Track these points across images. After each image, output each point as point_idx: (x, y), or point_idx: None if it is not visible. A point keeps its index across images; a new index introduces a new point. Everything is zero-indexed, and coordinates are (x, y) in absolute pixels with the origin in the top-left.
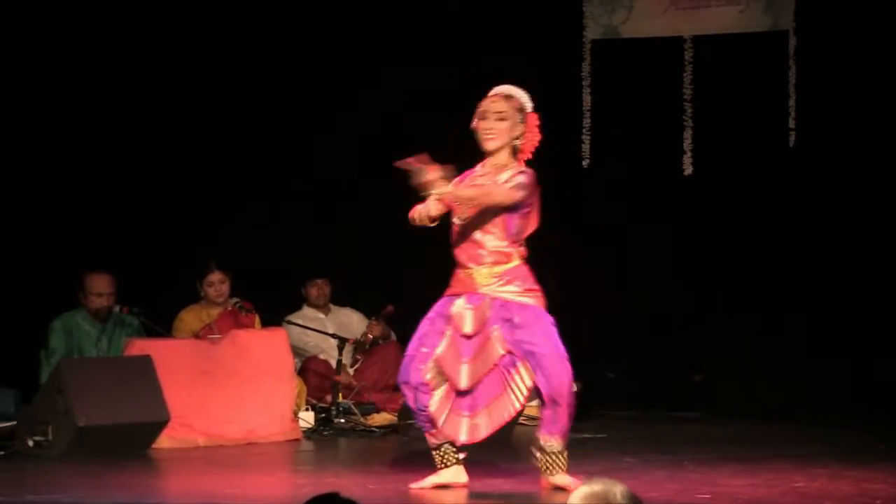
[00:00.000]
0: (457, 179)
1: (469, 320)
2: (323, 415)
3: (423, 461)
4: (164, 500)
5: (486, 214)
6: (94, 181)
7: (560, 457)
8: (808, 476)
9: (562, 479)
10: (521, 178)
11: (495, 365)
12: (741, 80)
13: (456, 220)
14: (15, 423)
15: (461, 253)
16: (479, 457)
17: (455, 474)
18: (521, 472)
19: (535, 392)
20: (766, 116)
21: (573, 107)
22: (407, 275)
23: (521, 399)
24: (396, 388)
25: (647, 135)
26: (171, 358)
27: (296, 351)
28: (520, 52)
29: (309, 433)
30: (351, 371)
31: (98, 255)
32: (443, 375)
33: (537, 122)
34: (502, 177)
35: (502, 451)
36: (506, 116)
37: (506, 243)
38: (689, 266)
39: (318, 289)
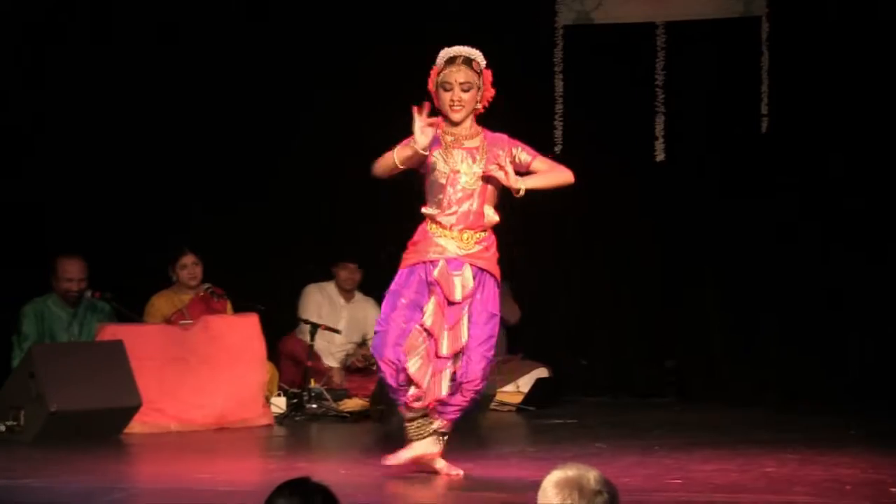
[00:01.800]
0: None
1: (458, 288)
2: (295, 400)
3: (395, 446)
4: (135, 485)
5: (495, 183)
6: (67, 165)
7: (424, 428)
8: (779, 461)
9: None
10: (529, 152)
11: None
12: (713, 67)
13: (455, 182)
14: None
15: (449, 216)
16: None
17: (428, 445)
18: (491, 458)
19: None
20: (739, 103)
21: (545, 93)
22: None
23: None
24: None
25: (619, 121)
26: (142, 343)
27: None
28: (492, 37)
29: (280, 418)
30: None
31: (70, 240)
32: (426, 346)
33: (491, 78)
34: (498, 151)
35: (472, 437)
36: (471, 85)
37: (495, 210)
38: (661, 252)
39: (348, 272)
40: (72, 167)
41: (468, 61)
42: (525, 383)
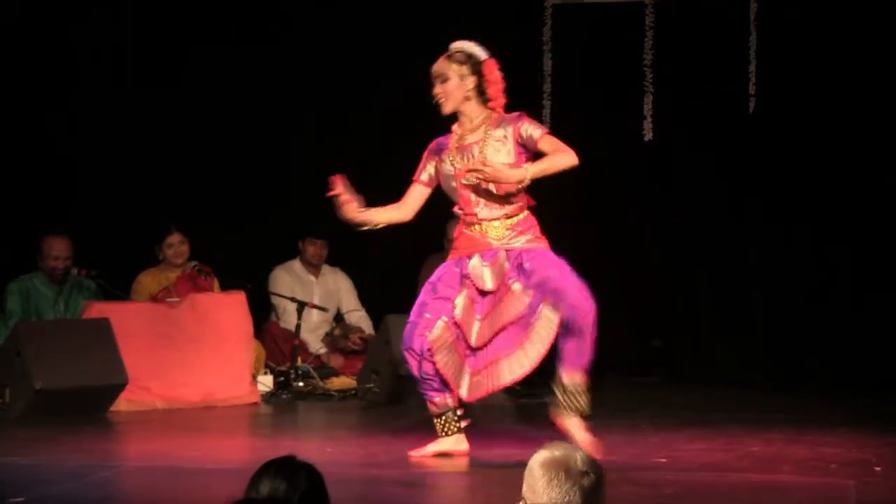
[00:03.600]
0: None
1: (489, 277)
2: (282, 378)
3: (381, 425)
4: (121, 463)
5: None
6: (51, 143)
7: (580, 398)
8: (765, 441)
9: (574, 423)
10: (538, 127)
11: (512, 322)
12: (702, 46)
13: (468, 180)
14: None
15: (472, 211)
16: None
17: (456, 442)
18: (477, 438)
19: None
20: (726, 83)
21: (534, 71)
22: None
23: (546, 344)
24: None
25: (607, 99)
26: (129, 321)
27: (272, 306)
28: (480, 15)
29: (267, 396)
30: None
31: (56, 218)
32: (453, 337)
33: (496, 67)
34: (497, 133)
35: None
36: (448, 76)
37: (517, 195)
38: (649, 230)
39: (315, 248)
40: (57, 143)
41: (448, 56)
42: None
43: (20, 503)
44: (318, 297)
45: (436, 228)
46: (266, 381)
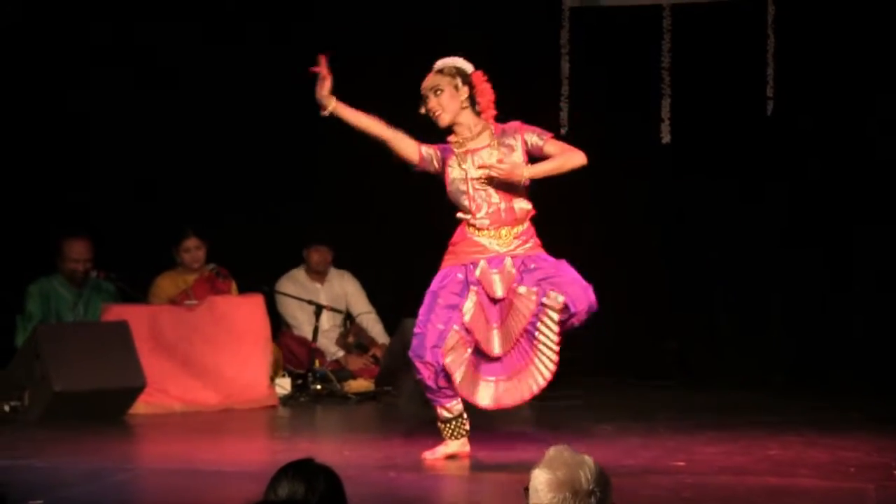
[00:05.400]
0: (432, 153)
1: (499, 285)
2: (299, 381)
3: (399, 428)
4: (140, 466)
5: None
6: (70, 147)
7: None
8: (783, 444)
9: None
10: (541, 133)
11: (525, 330)
12: (719, 49)
13: (475, 185)
14: None
15: (481, 219)
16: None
17: (462, 445)
18: (496, 440)
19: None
20: (744, 85)
21: (551, 74)
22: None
23: (550, 368)
24: (376, 360)
25: (625, 103)
26: (147, 323)
27: (282, 318)
28: (498, 19)
29: (285, 399)
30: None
31: (75, 220)
32: (464, 345)
33: (484, 78)
34: (507, 142)
35: (476, 418)
36: (441, 87)
37: (526, 200)
38: (665, 233)
39: (320, 255)
40: (75, 146)
41: (438, 71)
42: None
43: None
44: (323, 303)
45: (451, 231)
46: (284, 384)
